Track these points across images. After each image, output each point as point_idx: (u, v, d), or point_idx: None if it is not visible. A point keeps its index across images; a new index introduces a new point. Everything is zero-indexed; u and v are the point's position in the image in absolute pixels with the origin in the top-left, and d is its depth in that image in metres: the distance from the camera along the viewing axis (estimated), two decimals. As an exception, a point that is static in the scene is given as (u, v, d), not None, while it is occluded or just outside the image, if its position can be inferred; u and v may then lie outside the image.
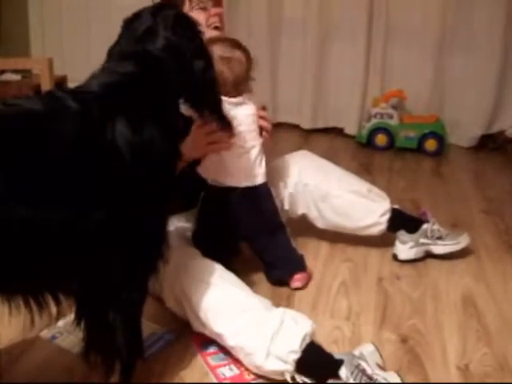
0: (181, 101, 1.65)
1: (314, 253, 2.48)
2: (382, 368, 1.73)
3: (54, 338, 1.88)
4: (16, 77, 3.93)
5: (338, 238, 2.52)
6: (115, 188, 1.36)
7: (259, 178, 2.10)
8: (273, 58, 4.59)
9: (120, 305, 1.46)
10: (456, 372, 1.77)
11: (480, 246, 2.63)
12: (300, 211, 2.42)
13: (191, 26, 1.65)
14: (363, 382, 1.61)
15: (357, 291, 2.20)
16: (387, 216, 2.39)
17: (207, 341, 1.83)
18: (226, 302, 1.76)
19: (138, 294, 1.52)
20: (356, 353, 1.71)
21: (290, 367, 1.64)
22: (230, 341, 1.72)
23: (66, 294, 1.42)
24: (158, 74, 1.52)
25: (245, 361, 1.72)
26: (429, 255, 2.44)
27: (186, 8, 2.09)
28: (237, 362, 1.75)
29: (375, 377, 1.62)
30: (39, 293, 1.36)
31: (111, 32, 1.65)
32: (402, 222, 2.43)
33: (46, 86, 3.14)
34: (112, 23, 4.51)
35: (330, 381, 1.62)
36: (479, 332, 1.98)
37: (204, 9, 2.12)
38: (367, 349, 1.77)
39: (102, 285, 1.44)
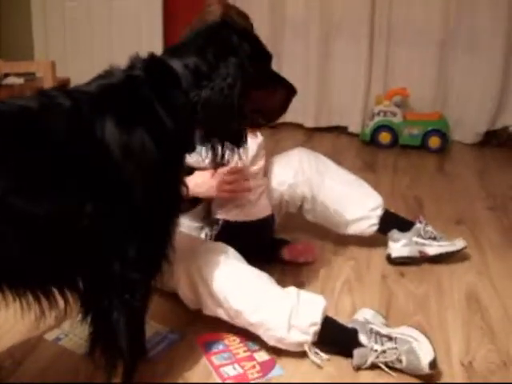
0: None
1: (317, 252, 2.48)
2: (388, 326, 1.82)
3: (58, 339, 1.89)
4: (19, 80, 3.95)
5: (341, 237, 2.51)
6: (104, 184, 1.37)
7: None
8: (276, 58, 4.48)
9: (122, 305, 1.47)
10: (460, 369, 1.77)
11: (484, 242, 2.64)
12: (298, 202, 2.41)
13: (228, 48, 1.57)
14: (384, 342, 1.72)
15: (361, 289, 2.20)
16: (378, 212, 2.37)
17: (211, 340, 1.84)
18: (242, 279, 1.81)
19: (141, 295, 1.52)
20: (360, 319, 1.81)
21: (309, 338, 1.74)
22: (250, 317, 1.77)
23: (71, 290, 1.46)
24: (164, 83, 1.50)
25: (264, 336, 1.79)
26: (425, 260, 2.38)
27: None
28: (240, 360, 1.76)
29: (393, 335, 1.73)
30: (46, 288, 1.40)
31: (113, 34, 1.66)
32: (394, 222, 2.41)
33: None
34: (114, 26, 4.61)
35: (355, 350, 1.72)
36: (483, 329, 1.98)
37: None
38: (368, 313, 1.87)
39: (105, 283, 1.45)
